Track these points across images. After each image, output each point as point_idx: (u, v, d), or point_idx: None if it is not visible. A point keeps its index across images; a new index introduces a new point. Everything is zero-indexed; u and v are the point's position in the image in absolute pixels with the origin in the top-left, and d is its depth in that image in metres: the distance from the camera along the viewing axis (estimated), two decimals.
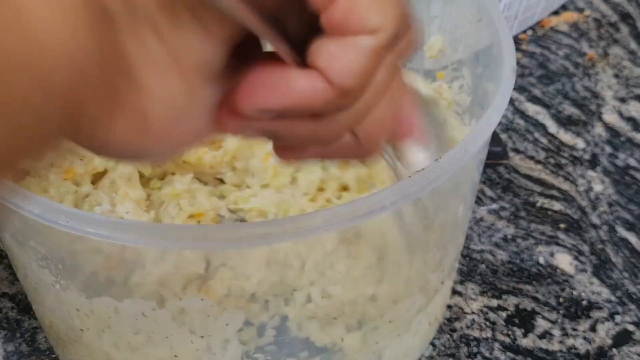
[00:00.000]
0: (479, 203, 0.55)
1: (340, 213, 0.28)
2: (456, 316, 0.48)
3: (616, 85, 0.65)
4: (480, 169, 0.39)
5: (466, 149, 0.31)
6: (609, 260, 0.51)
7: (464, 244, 0.44)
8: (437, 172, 0.30)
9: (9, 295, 0.48)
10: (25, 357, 0.45)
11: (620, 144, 0.60)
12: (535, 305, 0.48)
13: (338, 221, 0.28)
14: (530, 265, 0.51)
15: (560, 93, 0.64)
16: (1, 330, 0.46)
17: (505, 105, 0.33)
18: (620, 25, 0.72)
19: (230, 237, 0.28)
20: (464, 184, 0.37)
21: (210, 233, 0.29)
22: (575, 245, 0.52)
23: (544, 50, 0.69)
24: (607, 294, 0.49)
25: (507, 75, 0.34)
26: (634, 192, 0.56)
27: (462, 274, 0.50)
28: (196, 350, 0.35)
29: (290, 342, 0.36)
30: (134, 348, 0.35)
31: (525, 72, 0.67)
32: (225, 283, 0.34)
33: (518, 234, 0.53)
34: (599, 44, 0.70)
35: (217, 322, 0.34)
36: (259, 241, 0.28)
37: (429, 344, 0.46)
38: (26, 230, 0.33)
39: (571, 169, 0.58)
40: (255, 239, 0.28)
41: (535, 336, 0.47)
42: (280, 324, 0.35)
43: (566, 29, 0.72)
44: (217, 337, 0.34)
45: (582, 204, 0.55)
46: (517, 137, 0.60)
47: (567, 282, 0.50)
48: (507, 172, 0.57)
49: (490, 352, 0.46)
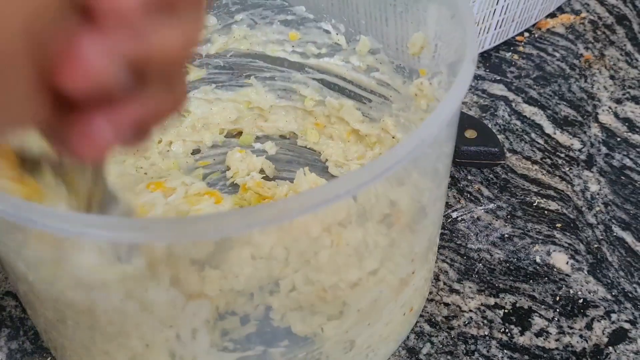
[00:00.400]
0: (476, 203, 0.55)
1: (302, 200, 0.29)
2: (454, 314, 0.48)
3: (612, 87, 0.66)
4: (446, 162, 0.40)
5: (421, 136, 0.31)
6: (605, 259, 0.52)
7: (438, 237, 0.45)
8: (393, 159, 0.30)
9: (12, 294, 0.49)
10: (28, 355, 0.46)
11: (616, 145, 0.60)
12: (532, 303, 0.49)
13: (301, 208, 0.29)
14: (527, 264, 0.51)
15: (557, 94, 0.65)
16: (5, 329, 0.47)
17: (462, 96, 0.34)
18: (616, 27, 0.73)
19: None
20: (424, 172, 0.38)
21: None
22: (571, 245, 0.53)
23: (540, 52, 0.70)
24: (603, 292, 0.50)
25: (465, 67, 0.35)
26: (630, 192, 0.57)
27: (460, 272, 0.51)
28: (166, 341, 0.35)
29: (272, 331, 0.37)
30: (109, 339, 0.36)
31: (522, 73, 0.67)
32: (215, 285, 0.34)
33: (515, 233, 0.53)
34: (595, 45, 0.70)
35: (184, 313, 0.34)
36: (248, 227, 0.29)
37: (427, 341, 0.46)
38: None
39: (567, 169, 0.58)
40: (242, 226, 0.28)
41: (532, 334, 0.47)
42: (264, 314, 0.36)
43: (563, 31, 0.72)
44: (185, 328, 0.35)
45: (578, 204, 0.56)
46: (514, 137, 0.61)
47: (563, 280, 0.50)
48: (504, 172, 0.58)
49: (487, 350, 0.46)
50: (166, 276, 0.33)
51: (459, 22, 0.38)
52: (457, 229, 0.53)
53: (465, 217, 0.54)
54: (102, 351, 0.37)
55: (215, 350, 0.36)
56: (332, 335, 0.38)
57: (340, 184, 0.29)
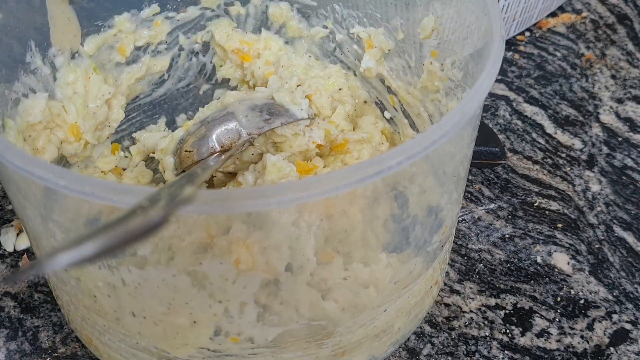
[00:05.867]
0: (477, 203, 0.55)
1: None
2: (454, 315, 0.48)
3: (613, 86, 0.66)
4: (466, 152, 0.40)
5: (463, 111, 0.32)
6: (606, 260, 0.52)
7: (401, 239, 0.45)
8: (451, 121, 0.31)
9: (11, 295, 0.49)
10: (27, 355, 0.45)
11: (617, 144, 0.60)
12: (533, 304, 0.49)
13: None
14: (528, 265, 0.51)
15: (558, 94, 0.65)
16: (3, 329, 0.47)
17: (498, 67, 0.34)
18: (618, 26, 0.73)
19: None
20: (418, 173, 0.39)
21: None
22: (572, 245, 0.52)
23: (541, 52, 0.69)
24: (604, 293, 0.50)
25: (496, 41, 0.36)
26: (631, 192, 0.56)
27: (461, 273, 0.50)
28: (214, 316, 0.35)
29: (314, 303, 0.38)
30: (156, 316, 0.36)
31: (523, 73, 0.67)
32: (249, 259, 0.35)
33: (516, 233, 0.53)
34: (596, 45, 0.70)
35: (235, 286, 0.34)
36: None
37: (428, 342, 0.46)
38: (48, 202, 0.34)
39: (568, 169, 0.58)
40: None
41: (533, 335, 0.47)
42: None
43: (564, 31, 0.72)
44: (234, 302, 0.35)
45: (579, 204, 0.55)
46: (515, 137, 0.61)
47: (564, 281, 0.50)
48: (505, 172, 0.58)
49: (488, 351, 0.46)
50: (220, 249, 0.34)
51: (477, 2, 0.39)
52: (457, 229, 0.53)
53: (466, 217, 0.54)
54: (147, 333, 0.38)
55: (261, 324, 0.36)
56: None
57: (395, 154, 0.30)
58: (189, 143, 0.49)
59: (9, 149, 0.31)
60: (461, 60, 0.42)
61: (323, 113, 0.52)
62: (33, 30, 0.46)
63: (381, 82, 0.53)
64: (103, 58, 0.51)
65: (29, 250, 0.51)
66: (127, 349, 0.40)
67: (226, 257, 0.34)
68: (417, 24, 0.48)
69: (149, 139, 0.53)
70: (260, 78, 0.55)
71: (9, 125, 0.44)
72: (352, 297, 0.38)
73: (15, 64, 0.45)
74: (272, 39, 0.56)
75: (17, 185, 0.35)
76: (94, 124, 0.50)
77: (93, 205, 0.32)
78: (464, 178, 0.42)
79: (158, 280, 0.34)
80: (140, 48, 0.53)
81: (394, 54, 0.51)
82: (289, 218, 0.34)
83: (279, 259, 0.35)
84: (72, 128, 0.48)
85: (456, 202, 0.41)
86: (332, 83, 0.53)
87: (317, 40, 0.55)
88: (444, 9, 0.45)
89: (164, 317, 0.36)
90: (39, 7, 0.46)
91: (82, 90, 0.49)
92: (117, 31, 0.51)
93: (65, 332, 0.47)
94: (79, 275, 0.37)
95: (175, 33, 0.54)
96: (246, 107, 0.50)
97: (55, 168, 0.30)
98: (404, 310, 0.42)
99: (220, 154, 0.48)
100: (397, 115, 0.53)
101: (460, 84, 0.43)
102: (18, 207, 0.37)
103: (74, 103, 0.48)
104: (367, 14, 0.52)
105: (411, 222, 0.38)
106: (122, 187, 0.29)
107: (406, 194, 0.37)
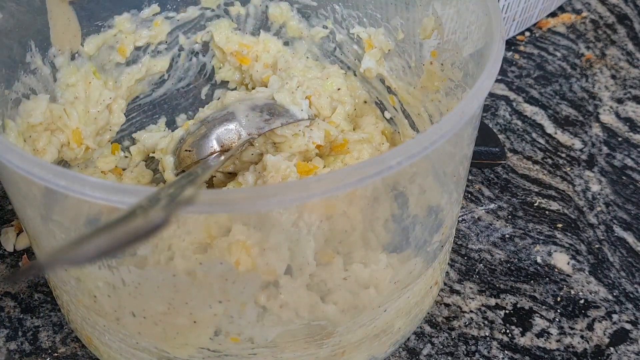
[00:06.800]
0: (477, 203, 0.55)
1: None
2: (454, 315, 0.48)
3: (613, 86, 0.66)
4: (467, 151, 0.40)
5: (463, 111, 0.32)
6: (606, 260, 0.52)
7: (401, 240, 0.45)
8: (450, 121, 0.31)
9: (11, 295, 0.49)
10: (27, 355, 0.45)
11: (617, 144, 0.60)
12: (533, 304, 0.49)
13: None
14: (528, 265, 0.51)
15: (558, 94, 0.65)
16: (3, 329, 0.47)
17: (498, 67, 0.35)
18: (618, 26, 0.73)
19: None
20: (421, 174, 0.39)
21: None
22: (572, 245, 0.52)
23: (541, 52, 0.69)
24: (604, 293, 0.50)
25: (496, 41, 0.36)
26: (631, 192, 0.56)
27: (461, 273, 0.50)
28: (214, 316, 0.35)
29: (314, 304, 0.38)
30: (155, 316, 0.36)
31: (523, 73, 0.67)
32: (248, 260, 0.35)
33: (516, 233, 0.53)
34: (596, 45, 0.70)
35: (235, 286, 0.34)
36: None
37: (428, 342, 0.46)
38: (49, 203, 0.34)
39: (568, 169, 0.58)
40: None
41: (533, 335, 0.47)
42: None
43: (564, 30, 0.72)
44: (235, 302, 0.35)
45: (579, 204, 0.55)
46: (514, 137, 0.61)
47: (564, 281, 0.50)
48: (505, 172, 0.58)
49: (488, 351, 0.46)
50: (219, 249, 0.34)
51: (478, 2, 0.39)
52: (457, 229, 0.53)
53: (465, 217, 0.54)
54: (148, 332, 0.38)
55: (261, 324, 0.36)
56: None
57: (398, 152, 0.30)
58: (189, 143, 0.49)
59: (10, 149, 0.31)
60: (461, 60, 0.42)
61: (323, 114, 0.52)
62: (33, 31, 0.46)
63: (381, 82, 0.53)
64: (103, 58, 0.51)
65: (29, 250, 0.51)
66: (127, 349, 0.40)
67: (226, 258, 0.34)
68: (417, 24, 0.48)
69: (149, 139, 0.53)
70: (258, 81, 0.55)
71: (9, 126, 0.44)
72: (352, 298, 0.38)
73: (15, 64, 0.45)
74: (271, 40, 0.56)
75: (17, 185, 0.35)
76: (95, 129, 0.50)
77: (93, 205, 0.32)
78: (464, 178, 0.42)
79: (158, 280, 0.34)
80: (140, 48, 0.53)
81: (394, 54, 0.51)
82: (289, 219, 0.34)
83: (279, 260, 0.35)
84: (75, 134, 0.48)
85: (456, 202, 0.41)
86: (331, 83, 0.53)
87: (317, 41, 0.55)
88: (444, 9, 0.45)
89: (164, 317, 0.36)
90: (39, 8, 0.46)
91: (83, 95, 0.49)
92: (117, 31, 0.51)
93: (65, 332, 0.47)
94: (79, 275, 0.37)
95: (175, 33, 0.54)
96: (246, 107, 0.50)
97: (55, 168, 0.30)
98: (404, 310, 0.42)
99: (220, 154, 0.48)
100: (397, 115, 0.53)
101: (460, 84, 0.43)
102: (18, 207, 0.37)
103: (75, 108, 0.49)
104: (367, 14, 0.52)
105: (411, 222, 0.38)
106: (122, 187, 0.29)
107: (406, 194, 0.37)
